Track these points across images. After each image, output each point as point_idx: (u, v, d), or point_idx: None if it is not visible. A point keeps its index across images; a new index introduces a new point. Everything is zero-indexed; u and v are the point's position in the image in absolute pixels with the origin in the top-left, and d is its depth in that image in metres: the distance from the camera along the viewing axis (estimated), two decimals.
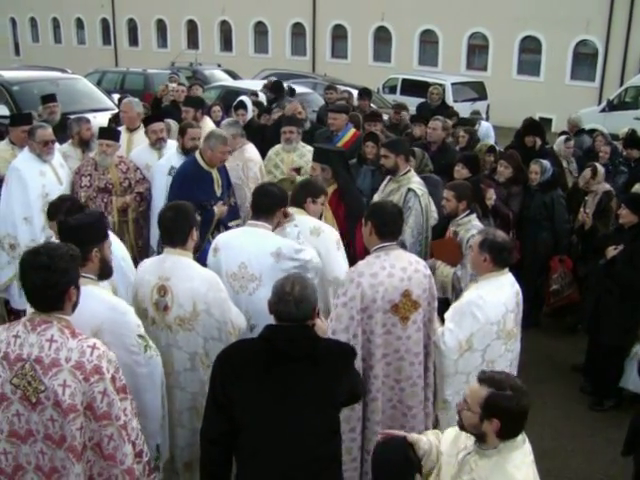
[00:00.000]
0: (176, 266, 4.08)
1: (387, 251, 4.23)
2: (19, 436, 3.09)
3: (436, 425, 4.55)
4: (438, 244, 5.99)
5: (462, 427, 3.07)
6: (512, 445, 2.96)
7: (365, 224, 4.35)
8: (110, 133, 6.92)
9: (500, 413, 2.90)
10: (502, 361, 4.36)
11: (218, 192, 6.24)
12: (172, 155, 6.80)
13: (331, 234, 5.05)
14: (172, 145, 7.12)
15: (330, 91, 11.68)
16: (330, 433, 3.36)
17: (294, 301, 3.24)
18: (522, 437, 3.01)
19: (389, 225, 4.24)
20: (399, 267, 4.19)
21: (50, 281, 2.98)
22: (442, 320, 4.45)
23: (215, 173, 6.24)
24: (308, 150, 7.29)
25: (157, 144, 7.16)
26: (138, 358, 3.65)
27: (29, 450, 3.11)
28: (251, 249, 4.48)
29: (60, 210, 4.49)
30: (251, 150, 7.44)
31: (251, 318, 4.39)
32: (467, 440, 3.13)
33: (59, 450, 3.07)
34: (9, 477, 3.15)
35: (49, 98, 8.97)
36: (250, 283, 4.43)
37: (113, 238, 4.19)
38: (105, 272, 3.79)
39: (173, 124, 8.11)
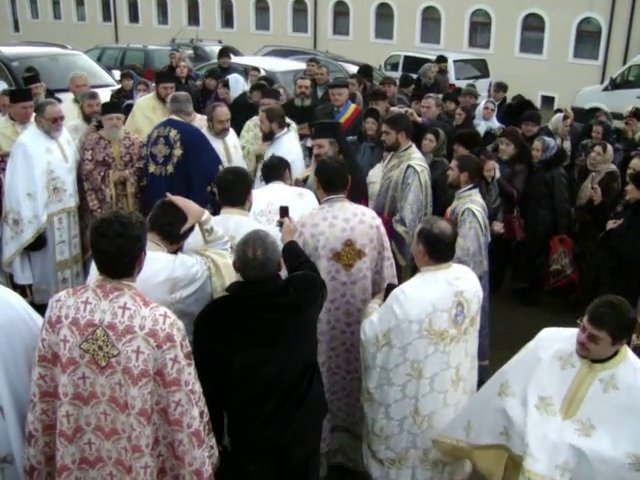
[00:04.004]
0: (240, 225, 4.30)
1: (331, 203, 4.54)
2: (82, 398, 3.21)
3: None
4: None
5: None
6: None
7: (314, 180, 4.75)
8: (116, 106, 7.01)
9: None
10: (432, 363, 4.07)
11: None
12: None
13: None
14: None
15: (312, 63, 11.36)
16: (312, 355, 3.80)
17: (259, 265, 3.45)
18: None
19: (333, 180, 4.56)
20: (342, 218, 4.48)
21: (125, 248, 3.09)
22: None
23: None
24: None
25: (222, 134, 6.97)
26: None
27: (90, 412, 3.24)
28: (277, 193, 5.10)
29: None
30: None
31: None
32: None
33: (122, 414, 3.19)
34: (69, 439, 3.25)
35: (31, 79, 8.94)
36: (276, 216, 4.63)
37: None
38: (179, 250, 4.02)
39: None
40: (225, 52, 12.91)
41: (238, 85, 9.72)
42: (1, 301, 3.46)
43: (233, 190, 4.46)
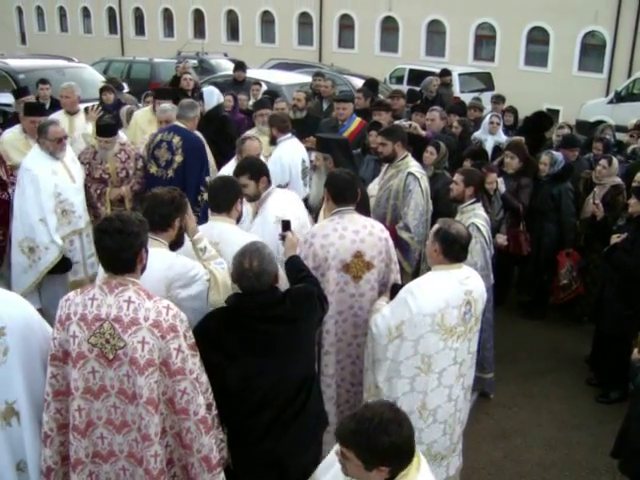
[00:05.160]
0: (223, 231, 4.38)
1: (342, 215, 4.56)
2: (93, 392, 3.32)
3: None
4: None
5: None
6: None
7: (324, 192, 4.73)
8: (108, 130, 6.77)
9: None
10: (441, 358, 4.17)
11: None
12: None
13: None
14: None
15: (318, 77, 11.38)
16: (310, 368, 3.82)
17: (254, 276, 3.49)
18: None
19: (343, 192, 4.57)
20: (351, 229, 4.51)
21: (124, 244, 3.23)
22: None
23: None
24: None
25: None
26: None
27: (101, 405, 3.34)
28: (285, 203, 5.10)
29: None
30: None
31: None
32: None
33: (131, 405, 3.30)
34: (81, 433, 3.34)
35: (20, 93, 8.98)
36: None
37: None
38: (179, 241, 4.08)
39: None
40: (240, 66, 12.78)
41: (212, 98, 9.64)
42: (17, 305, 3.51)
43: (219, 196, 4.50)
